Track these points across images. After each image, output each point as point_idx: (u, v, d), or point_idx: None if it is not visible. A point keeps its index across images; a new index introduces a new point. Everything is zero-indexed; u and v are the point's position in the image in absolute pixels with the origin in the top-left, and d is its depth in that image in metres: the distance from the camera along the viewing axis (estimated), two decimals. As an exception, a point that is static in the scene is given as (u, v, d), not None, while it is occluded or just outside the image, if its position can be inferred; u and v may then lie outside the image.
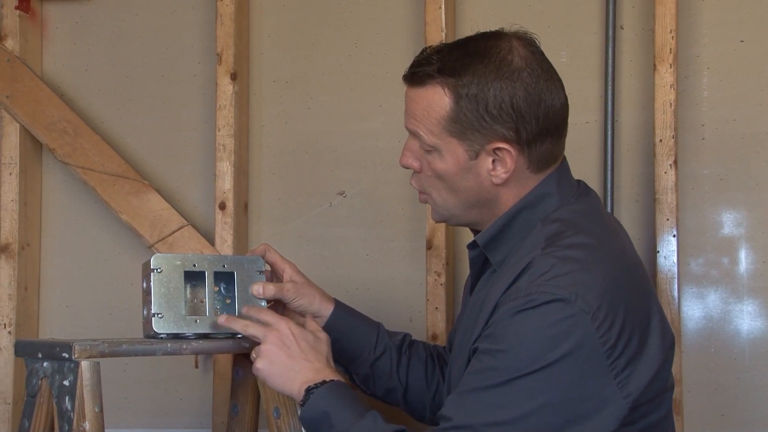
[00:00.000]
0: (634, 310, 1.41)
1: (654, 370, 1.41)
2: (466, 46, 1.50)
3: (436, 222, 1.64)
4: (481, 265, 1.58)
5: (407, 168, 1.57)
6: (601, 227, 1.52)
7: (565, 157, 1.56)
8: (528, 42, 1.51)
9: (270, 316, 1.56)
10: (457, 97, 1.47)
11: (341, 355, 1.75)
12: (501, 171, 1.49)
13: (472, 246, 1.57)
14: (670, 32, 1.96)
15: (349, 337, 1.74)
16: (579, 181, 1.57)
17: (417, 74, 1.51)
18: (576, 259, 1.41)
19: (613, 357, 1.36)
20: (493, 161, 1.49)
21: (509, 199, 1.52)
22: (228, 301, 1.64)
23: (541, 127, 1.48)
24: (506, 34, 1.51)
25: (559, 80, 1.52)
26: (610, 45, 2.05)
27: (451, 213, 1.56)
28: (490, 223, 1.54)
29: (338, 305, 1.74)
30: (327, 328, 1.72)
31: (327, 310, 1.73)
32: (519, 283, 1.41)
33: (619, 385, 1.37)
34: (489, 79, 1.46)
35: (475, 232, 1.61)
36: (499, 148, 1.47)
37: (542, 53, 1.51)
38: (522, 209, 1.51)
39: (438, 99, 1.49)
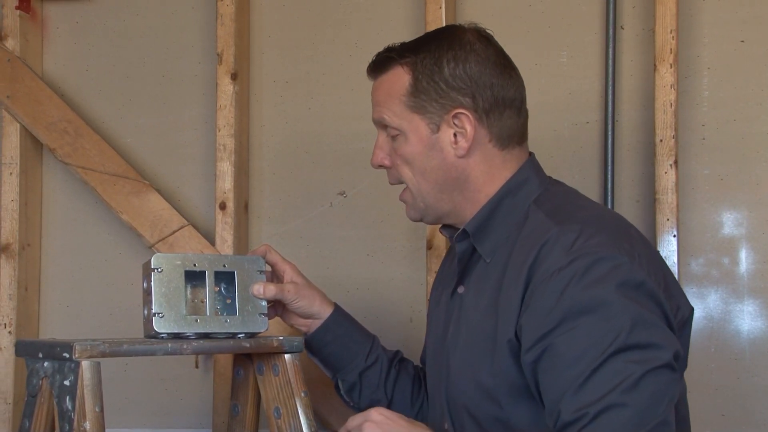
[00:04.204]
0: (662, 271, 1.45)
1: (682, 333, 1.44)
2: (424, 35, 1.63)
3: (412, 220, 1.65)
4: (468, 259, 1.58)
5: (380, 167, 1.62)
6: (592, 200, 1.59)
7: (533, 153, 1.60)
8: (482, 31, 1.60)
9: (357, 416, 1.49)
10: (416, 72, 1.55)
11: (333, 359, 1.76)
12: (462, 141, 1.53)
13: (461, 237, 1.57)
14: (671, 32, 1.96)
15: (344, 342, 1.74)
16: (549, 176, 1.62)
17: (379, 61, 1.60)
18: (594, 224, 1.43)
19: (666, 304, 1.39)
20: (455, 134, 1.53)
21: (478, 177, 1.55)
22: (228, 300, 1.64)
23: (496, 96, 1.54)
24: (462, 25, 1.61)
25: (513, 64, 1.59)
26: (611, 45, 2.05)
27: (426, 203, 1.58)
28: (466, 213, 1.56)
29: (337, 309, 1.75)
30: (323, 329, 1.73)
31: (326, 312, 1.73)
32: (551, 259, 1.39)
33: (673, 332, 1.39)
34: (443, 51, 1.54)
35: (450, 230, 1.63)
36: (457, 115, 1.52)
37: (496, 42, 1.59)
38: (504, 196, 1.54)
39: (398, 78, 1.56)
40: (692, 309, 1.50)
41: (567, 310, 1.35)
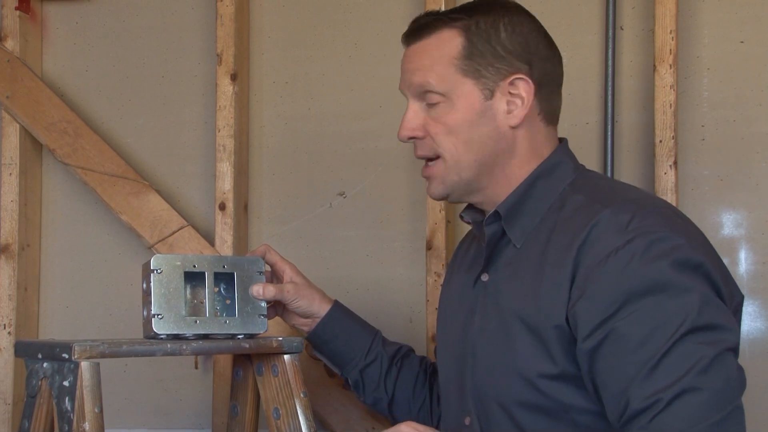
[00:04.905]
0: (716, 255, 1.42)
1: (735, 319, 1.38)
2: (467, 2, 1.55)
3: (437, 197, 1.53)
4: (495, 244, 1.51)
5: (411, 139, 1.51)
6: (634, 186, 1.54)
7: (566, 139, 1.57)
8: (523, 7, 1.55)
9: (387, 431, 1.39)
10: (469, 33, 1.47)
11: (334, 356, 1.75)
12: (517, 109, 1.47)
13: (492, 220, 1.49)
14: (670, 33, 1.96)
15: (343, 340, 1.74)
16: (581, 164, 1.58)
17: (423, 24, 1.50)
18: (648, 205, 1.38)
19: (723, 288, 1.34)
20: (508, 103, 1.48)
21: (523, 151, 1.48)
22: (228, 301, 1.64)
23: (547, 69, 1.50)
24: None
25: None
26: (610, 45, 2.05)
27: (462, 176, 1.48)
28: (500, 191, 1.49)
29: (335, 307, 1.74)
30: (321, 328, 1.72)
31: (325, 311, 1.72)
32: (605, 240, 1.33)
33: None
34: (498, 15, 1.48)
35: (473, 214, 1.57)
36: (515, 81, 1.46)
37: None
38: (538, 178, 1.48)
39: (449, 40, 1.48)
40: (743, 296, 1.43)
41: (628, 292, 1.29)
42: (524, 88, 1.47)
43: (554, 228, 1.42)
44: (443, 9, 2.08)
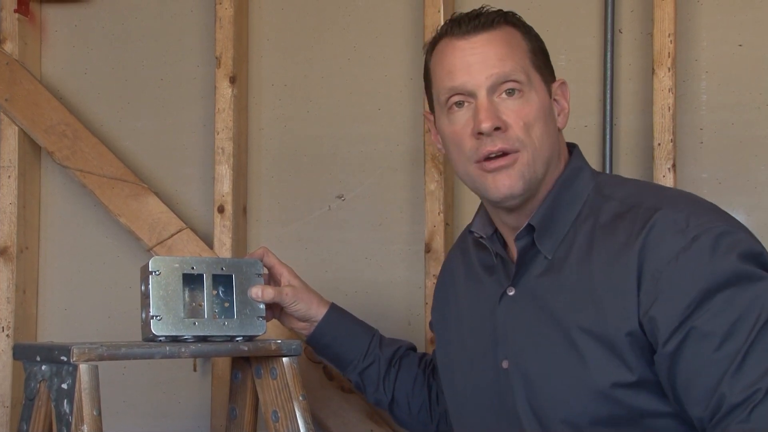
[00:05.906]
0: None
1: None
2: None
3: (511, 194, 1.43)
4: (522, 260, 1.46)
5: (498, 128, 1.41)
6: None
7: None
8: None
9: None
10: (526, 34, 1.48)
11: (335, 359, 1.75)
12: (563, 113, 1.50)
13: (523, 234, 1.45)
14: (669, 36, 1.96)
15: (342, 343, 1.73)
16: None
17: (487, 18, 1.47)
18: (697, 202, 1.39)
19: None
20: (555, 105, 1.49)
21: (558, 159, 1.47)
22: (226, 304, 1.64)
23: None
24: None
25: None
26: (609, 49, 2.05)
27: (537, 173, 1.43)
28: (537, 198, 1.46)
29: (332, 309, 1.74)
30: (319, 332, 1.72)
31: (322, 314, 1.72)
32: (668, 242, 1.31)
33: None
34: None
35: (484, 227, 1.54)
36: (562, 85, 1.50)
37: None
38: (563, 186, 1.46)
39: (514, 36, 1.47)
40: None
41: (704, 290, 1.27)
42: (567, 93, 1.50)
43: (593, 235, 1.40)
44: (442, 11, 2.08)
